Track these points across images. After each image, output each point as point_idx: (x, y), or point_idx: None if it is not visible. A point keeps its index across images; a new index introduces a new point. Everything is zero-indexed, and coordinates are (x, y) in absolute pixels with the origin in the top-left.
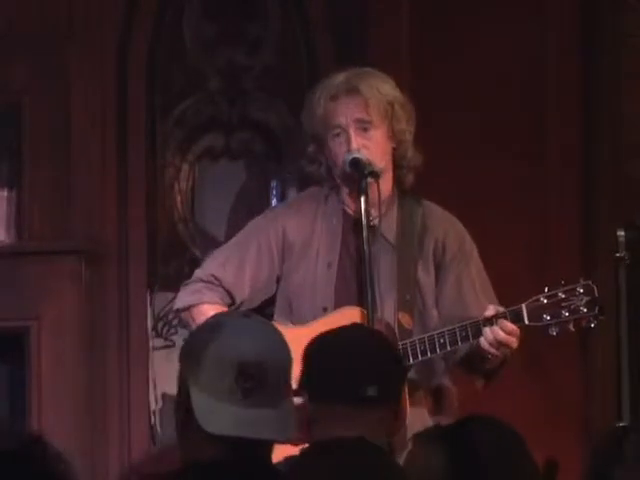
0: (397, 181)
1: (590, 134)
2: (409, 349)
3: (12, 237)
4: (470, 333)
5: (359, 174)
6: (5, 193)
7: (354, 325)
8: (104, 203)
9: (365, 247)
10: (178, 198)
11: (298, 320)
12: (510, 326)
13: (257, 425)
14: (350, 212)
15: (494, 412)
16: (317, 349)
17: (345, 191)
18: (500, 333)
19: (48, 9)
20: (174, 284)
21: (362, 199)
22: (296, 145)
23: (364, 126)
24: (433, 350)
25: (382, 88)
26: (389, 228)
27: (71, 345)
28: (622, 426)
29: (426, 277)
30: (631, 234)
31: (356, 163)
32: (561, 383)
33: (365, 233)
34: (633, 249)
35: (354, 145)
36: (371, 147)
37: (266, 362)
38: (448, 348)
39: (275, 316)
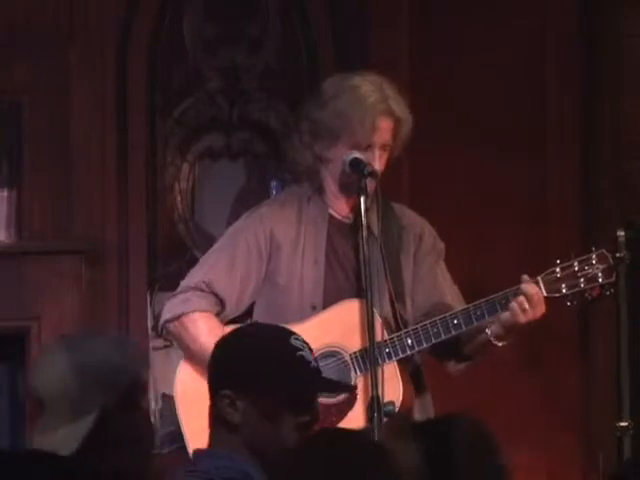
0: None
1: (590, 134)
2: (421, 332)
3: (12, 237)
4: (485, 311)
5: (359, 174)
6: (5, 193)
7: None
8: (104, 203)
9: (365, 247)
10: (178, 198)
11: (281, 321)
12: (536, 292)
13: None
14: (335, 214)
15: (494, 411)
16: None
17: (332, 192)
18: (532, 299)
19: (48, 9)
20: (174, 284)
21: (362, 199)
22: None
23: (385, 148)
24: (447, 331)
25: (406, 109)
26: (373, 224)
27: None
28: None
29: (407, 270)
30: (631, 234)
31: (356, 163)
32: (561, 383)
33: (365, 233)
34: (633, 249)
35: (377, 167)
36: (381, 166)
37: (40, 387)
38: (463, 328)
39: (254, 320)
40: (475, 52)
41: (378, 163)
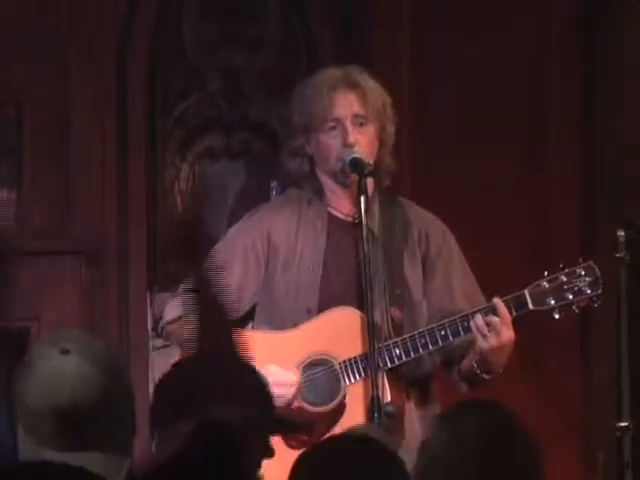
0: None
1: (590, 134)
2: (409, 343)
3: (12, 237)
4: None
5: (359, 174)
6: (5, 193)
7: None
8: (104, 203)
9: (365, 247)
10: (178, 198)
11: (280, 324)
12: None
13: None
14: (336, 213)
15: None
16: None
17: (330, 189)
18: (493, 318)
19: (48, 9)
20: (174, 284)
21: (362, 199)
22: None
23: (360, 121)
24: (435, 343)
25: (378, 86)
26: (373, 223)
27: None
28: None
29: (412, 269)
30: (631, 234)
31: (356, 163)
32: (561, 383)
33: (365, 232)
34: (633, 249)
35: (350, 139)
36: (363, 143)
37: (84, 402)
38: (451, 339)
39: (255, 324)
40: (475, 52)
41: (352, 135)
